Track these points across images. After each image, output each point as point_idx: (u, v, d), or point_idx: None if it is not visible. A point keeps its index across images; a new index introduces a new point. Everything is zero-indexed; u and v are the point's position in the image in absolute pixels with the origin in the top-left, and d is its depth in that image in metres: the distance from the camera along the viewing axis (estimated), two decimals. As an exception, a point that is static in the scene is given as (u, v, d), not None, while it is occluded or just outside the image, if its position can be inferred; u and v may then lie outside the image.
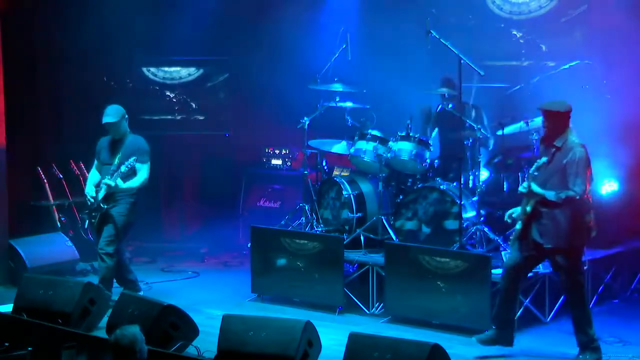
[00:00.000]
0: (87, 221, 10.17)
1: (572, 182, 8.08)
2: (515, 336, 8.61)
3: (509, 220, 8.48)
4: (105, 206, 9.89)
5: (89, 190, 10.05)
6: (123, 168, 9.71)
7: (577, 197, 8.07)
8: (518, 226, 8.25)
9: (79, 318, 9.01)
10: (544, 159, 8.11)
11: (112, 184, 9.70)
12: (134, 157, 9.74)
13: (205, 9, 12.65)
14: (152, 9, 12.30)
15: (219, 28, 12.85)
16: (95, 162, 10.24)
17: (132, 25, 12.19)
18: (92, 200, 9.94)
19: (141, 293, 10.15)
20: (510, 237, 8.44)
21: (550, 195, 8.08)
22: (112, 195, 9.88)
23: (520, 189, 8.26)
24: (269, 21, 12.77)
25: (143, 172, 9.91)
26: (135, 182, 9.85)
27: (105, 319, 8.98)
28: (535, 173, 8.11)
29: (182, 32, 12.58)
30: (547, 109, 8.28)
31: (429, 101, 11.05)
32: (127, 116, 10.07)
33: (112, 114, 9.96)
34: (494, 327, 8.58)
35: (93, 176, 10.18)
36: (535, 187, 8.11)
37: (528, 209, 8.19)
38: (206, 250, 12.45)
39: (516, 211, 8.38)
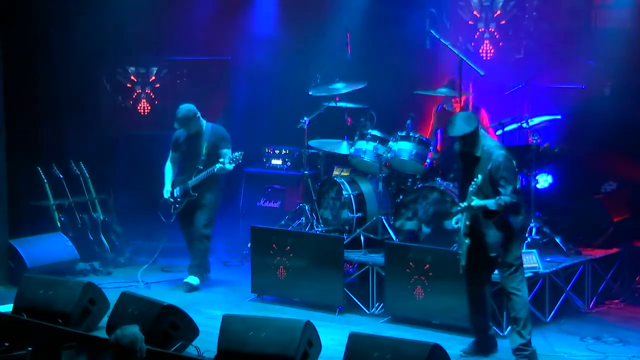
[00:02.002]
0: (172, 207, 10.88)
1: (504, 187, 8.10)
2: (497, 342, 8.66)
3: (455, 226, 8.45)
4: (196, 194, 10.70)
5: (167, 192, 10.89)
6: (227, 160, 10.56)
7: (515, 200, 8.12)
8: (467, 241, 8.25)
9: (79, 318, 9.02)
10: (480, 178, 8.07)
11: (221, 166, 10.54)
12: (240, 152, 10.58)
13: (205, 8, 12.65)
14: (153, 9, 12.29)
15: (218, 28, 12.85)
16: (171, 154, 11.03)
17: (133, 25, 12.17)
18: (172, 200, 10.85)
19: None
20: (459, 253, 8.41)
21: (491, 203, 8.11)
22: (202, 185, 10.71)
23: (461, 205, 8.24)
24: (270, 20, 12.77)
25: (230, 154, 10.69)
26: (231, 166, 10.69)
27: (105, 319, 8.99)
28: (473, 190, 8.10)
29: (182, 32, 12.58)
30: (460, 135, 8.23)
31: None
32: (198, 113, 10.82)
33: (179, 118, 10.77)
34: (474, 337, 8.65)
35: (169, 171, 10.96)
36: (476, 201, 8.11)
37: (468, 223, 8.21)
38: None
39: (459, 218, 8.37)
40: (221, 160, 10.60)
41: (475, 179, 8.08)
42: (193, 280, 10.80)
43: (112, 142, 12.77)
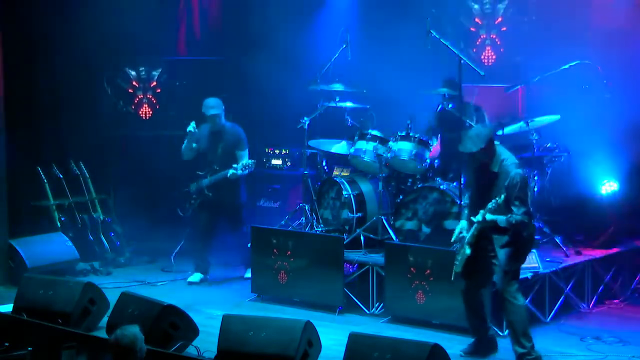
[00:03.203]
0: (187, 203, 11.07)
1: (518, 207, 8.06)
2: (497, 342, 8.66)
3: (459, 236, 8.39)
4: (210, 194, 10.76)
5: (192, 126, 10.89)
6: (239, 166, 10.59)
7: (525, 220, 8.10)
8: (468, 251, 8.22)
9: (79, 318, 9.02)
10: (502, 198, 7.99)
11: (234, 172, 10.60)
12: (252, 161, 10.67)
13: (205, 9, 12.65)
14: (153, 9, 12.29)
15: (218, 28, 12.85)
16: (189, 144, 11.02)
17: (132, 26, 12.17)
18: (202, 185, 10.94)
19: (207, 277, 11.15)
20: (456, 259, 8.37)
21: (502, 220, 8.07)
22: (217, 183, 10.72)
23: (474, 219, 8.18)
24: (269, 21, 12.77)
25: (245, 158, 10.79)
26: (240, 172, 10.68)
27: (105, 319, 8.99)
28: (491, 208, 8.05)
29: (182, 32, 12.59)
30: (475, 151, 8.16)
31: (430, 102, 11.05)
32: (223, 108, 10.90)
33: (215, 105, 10.83)
34: (474, 337, 8.64)
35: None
36: (490, 216, 8.08)
37: (475, 233, 8.18)
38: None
39: (463, 227, 8.36)
40: (234, 165, 10.66)
41: (497, 199, 7.99)
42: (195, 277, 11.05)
43: (112, 142, 12.77)
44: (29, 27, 11.96)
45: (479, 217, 8.14)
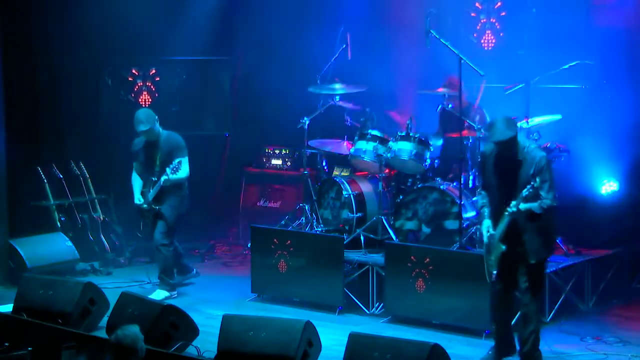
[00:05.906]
0: (142, 222, 10.71)
1: (547, 190, 7.97)
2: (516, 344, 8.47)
3: (486, 234, 8.20)
4: (158, 207, 10.41)
5: (137, 199, 10.57)
6: (169, 170, 10.20)
7: (555, 204, 8.01)
8: (503, 247, 8.04)
9: (79, 318, 9.02)
10: (538, 181, 7.86)
11: (166, 177, 10.20)
12: (178, 160, 10.26)
13: (205, 8, 12.66)
14: (153, 9, 12.29)
15: (218, 28, 12.85)
16: (135, 164, 10.67)
17: (133, 25, 12.17)
18: (145, 206, 10.51)
19: (194, 272, 11.02)
20: (490, 260, 8.18)
21: (536, 207, 7.95)
22: (162, 194, 10.36)
23: (510, 209, 7.97)
24: (269, 21, 12.78)
25: (184, 166, 10.35)
26: (181, 174, 10.30)
27: (105, 319, 9.00)
28: (528, 194, 7.93)
29: (182, 32, 12.59)
30: (503, 140, 8.04)
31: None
32: (157, 117, 10.44)
33: (145, 120, 10.40)
34: (493, 345, 8.39)
35: (136, 181, 10.65)
36: (524, 205, 7.93)
37: (505, 228, 8.04)
38: (206, 250, 12.45)
39: (489, 226, 8.18)
40: (166, 169, 10.26)
41: (532, 183, 7.85)
42: (158, 295, 10.33)
43: (112, 142, 12.77)
44: (29, 26, 11.96)
45: (512, 208, 7.97)
